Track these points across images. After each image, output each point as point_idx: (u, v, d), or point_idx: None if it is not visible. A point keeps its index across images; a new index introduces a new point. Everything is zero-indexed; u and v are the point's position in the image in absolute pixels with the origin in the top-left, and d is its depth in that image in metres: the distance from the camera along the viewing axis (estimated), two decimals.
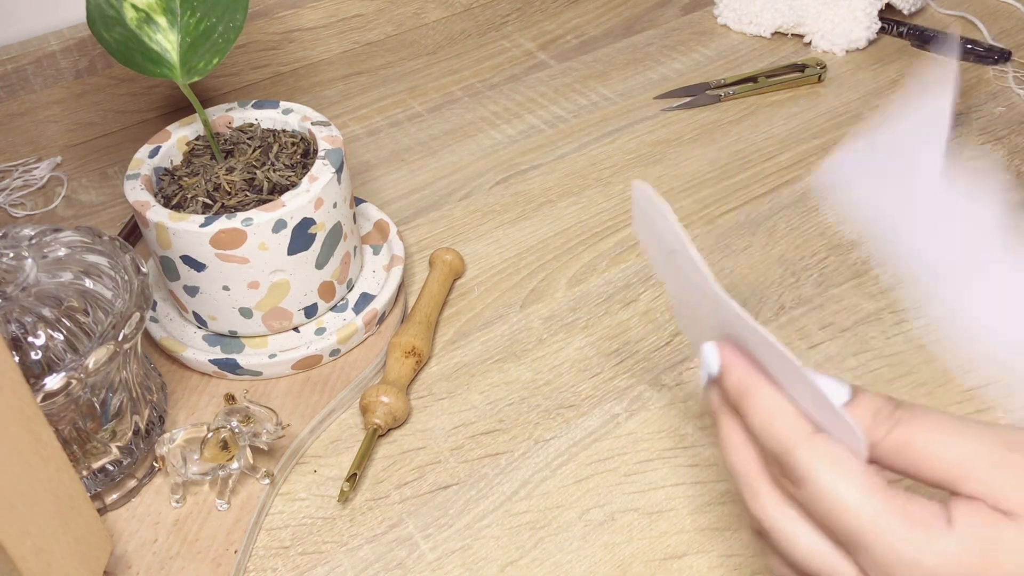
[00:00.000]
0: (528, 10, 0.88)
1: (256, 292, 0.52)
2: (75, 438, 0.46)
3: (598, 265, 0.62)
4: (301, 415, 0.52)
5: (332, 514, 0.49)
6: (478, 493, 0.49)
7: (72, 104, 0.75)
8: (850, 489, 0.33)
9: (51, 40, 0.73)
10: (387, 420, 0.51)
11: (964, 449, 0.33)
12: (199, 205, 0.52)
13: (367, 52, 0.84)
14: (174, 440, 0.48)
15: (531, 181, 0.69)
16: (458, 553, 0.47)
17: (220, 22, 0.52)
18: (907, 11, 0.82)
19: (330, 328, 0.56)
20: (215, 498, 0.48)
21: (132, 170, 0.54)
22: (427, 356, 0.55)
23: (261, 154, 0.55)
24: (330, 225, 0.53)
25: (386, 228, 0.62)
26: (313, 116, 0.57)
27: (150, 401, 0.50)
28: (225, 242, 0.50)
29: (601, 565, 0.46)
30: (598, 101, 0.77)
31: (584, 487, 0.49)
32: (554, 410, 0.53)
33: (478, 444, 0.52)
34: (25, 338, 0.43)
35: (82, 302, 0.45)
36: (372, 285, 0.59)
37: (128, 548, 0.47)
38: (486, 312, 0.59)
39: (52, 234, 0.47)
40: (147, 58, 0.52)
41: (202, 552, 0.46)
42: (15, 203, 0.71)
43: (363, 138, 0.75)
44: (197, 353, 0.54)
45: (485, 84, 0.80)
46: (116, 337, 0.44)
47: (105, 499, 0.48)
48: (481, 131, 0.75)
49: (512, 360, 0.56)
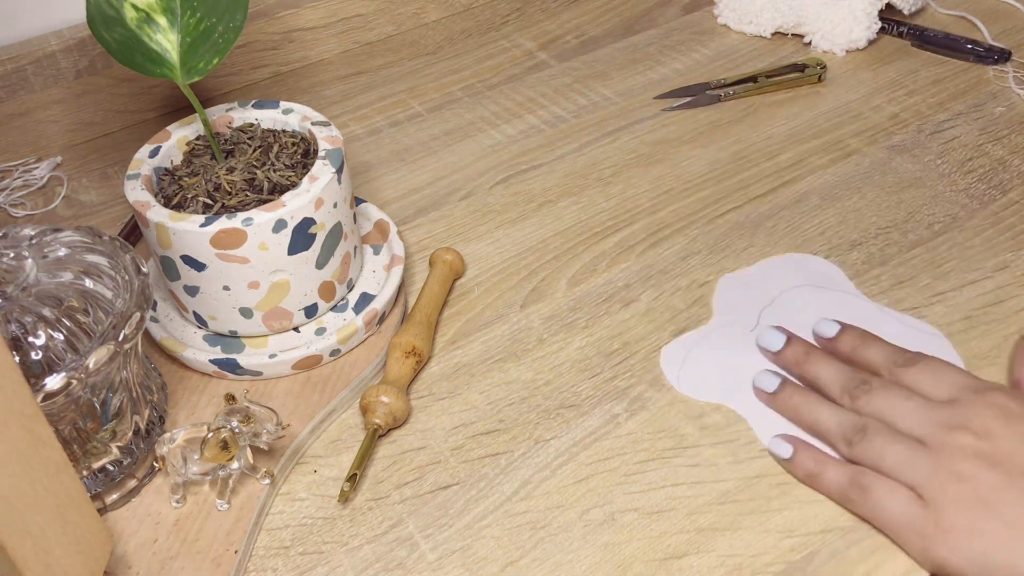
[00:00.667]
0: (528, 10, 0.88)
1: (256, 292, 0.52)
2: (75, 438, 0.46)
3: (598, 265, 0.62)
4: (301, 415, 0.52)
5: (332, 514, 0.49)
6: (478, 493, 0.49)
7: (72, 104, 0.75)
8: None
9: (51, 40, 0.73)
10: (387, 420, 0.51)
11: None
12: (199, 205, 0.52)
13: (367, 52, 0.84)
14: (174, 440, 0.48)
15: (531, 181, 0.69)
16: (458, 553, 0.47)
17: (220, 22, 0.52)
18: (907, 11, 0.82)
19: (330, 328, 0.56)
20: (215, 498, 0.48)
21: (132, 170, 0.54)
22: (427, 356, 0.55)
23: (261, 154, 0.55)
24: (330, 225, 0.53)
25: (386, 228, 0.62)
26: (313, 116, 0.57)
27: (150, 401, 0.50)
28: (225, 242, 0.50)
29: (601, 565, 0.46)
30: (598, 101, 0.77)
31: (584, 487, 0.49)
32: (554, 410, 0.53)
33: (478, 444, 0.52)
34: (25, 338, 0.43)
35: (82, 302, 0.45)
36: (372, 285, 0.59)
37: (128, 548, 0.47)
38: (486, 312, 0.59)
39: (52, 234, 0.47)
40: (147, 58, 0.52)
41: (202, 552, 0.46)
42: (15, 203, 0.71)
43: (363, 138, 0.75)
44: (197, 353, 0.54)
45: (485, 84, 0.80)
46: (116, 337, 0.44)
47: (105, 499, 0.48)
48: (481, 131, 0.75)
49: (512, 360, 0.56)
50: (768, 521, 0.47)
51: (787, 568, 0.45)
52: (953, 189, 0.65)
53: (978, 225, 0.62)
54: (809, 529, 0.46)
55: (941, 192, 0.65)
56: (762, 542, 0.46)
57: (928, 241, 0.61)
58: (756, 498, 0.48)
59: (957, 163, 0.67)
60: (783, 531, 0.46)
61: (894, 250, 0.60)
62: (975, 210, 0.63)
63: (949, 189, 0.65)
